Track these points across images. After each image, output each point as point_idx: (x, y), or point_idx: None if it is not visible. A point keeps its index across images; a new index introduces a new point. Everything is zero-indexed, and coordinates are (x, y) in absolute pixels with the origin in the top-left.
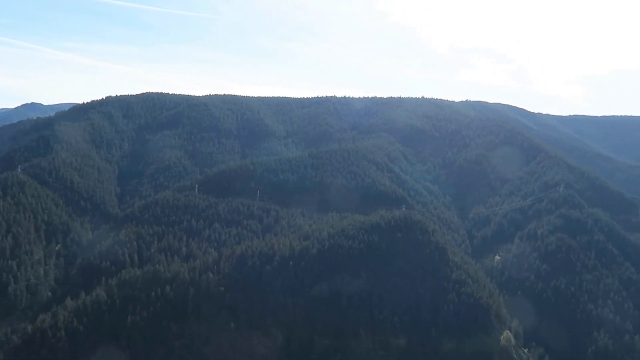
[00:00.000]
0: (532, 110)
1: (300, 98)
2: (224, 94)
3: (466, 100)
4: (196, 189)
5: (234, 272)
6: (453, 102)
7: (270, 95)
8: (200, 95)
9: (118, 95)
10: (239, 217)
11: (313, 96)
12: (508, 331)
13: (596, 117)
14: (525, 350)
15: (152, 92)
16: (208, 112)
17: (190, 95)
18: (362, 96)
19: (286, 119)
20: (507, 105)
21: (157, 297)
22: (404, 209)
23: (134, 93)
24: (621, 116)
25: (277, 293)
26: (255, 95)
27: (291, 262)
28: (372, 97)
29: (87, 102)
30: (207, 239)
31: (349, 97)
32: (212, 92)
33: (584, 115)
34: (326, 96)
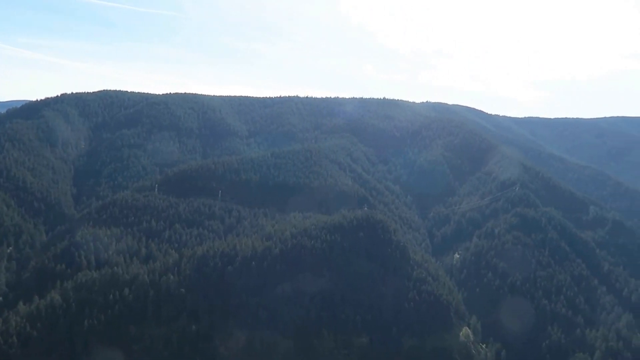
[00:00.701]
0: (489, 112)
1: (263, 98)
2: (185, 93)
3: (427, 101)
4: (156, 189)
5: (195, 274)
6: (414, 103)
7: (233, 94)
8: (161, 93)
9: (74, 92)
10: (200, 217)
11: (276, 96)
12: (467, 327)
13: (549, 119)
14: (484, 346)
15: (110, 90)
16: (168, 111)
17: (150, 94)
18: (324, 96)
19: (249, 119)
20: (466, 107)
21: (115, 300)
22: (366, 208)
23: (91, 90)
24: (573, 119)
25: (239, 294)
26: (218, 94)
27: (254, 263)
28: (334, 98)
29: (41, 100)
30: (168, 240)
31: (311, 97)
32: (173, 91)
33: (538, 118)
34: (289, 96)
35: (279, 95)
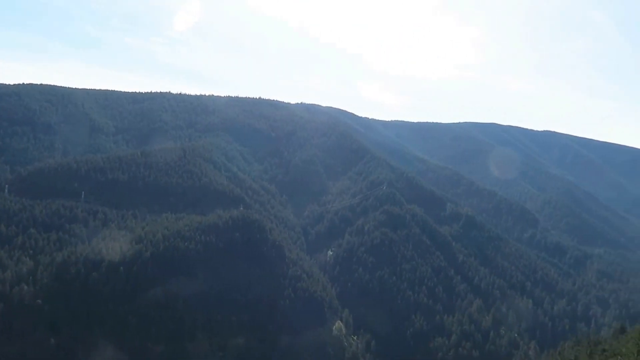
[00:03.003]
0: (360, 115)
1: (132, 92)
2: (42, 84)
3: (301, 102)
4: (6, 190)
5: (54, 282)
6: (289, 103)
7: (98, 88)
8: (12, 84)
9: None
10: (60, 220)
11: (146, 91)
12: (340, 321)
13: (413, 122)
14: (355, 338)
15: None
16: (22, 104)
17: (0, 84)
18: (199, 93)
19: (116, 114)
20: (338, 109)
21: None
22: (241, 208)
23: None
24: (432, 123)
25: (105, 301)
26: (80, 87)
27: (122, 268)
28: (209, 95)
29: None
30: (21, 247)
31: (185, 94)
32: (28, 81)
33: (403, 121)
34: (161, 92)
35: (149, 91)
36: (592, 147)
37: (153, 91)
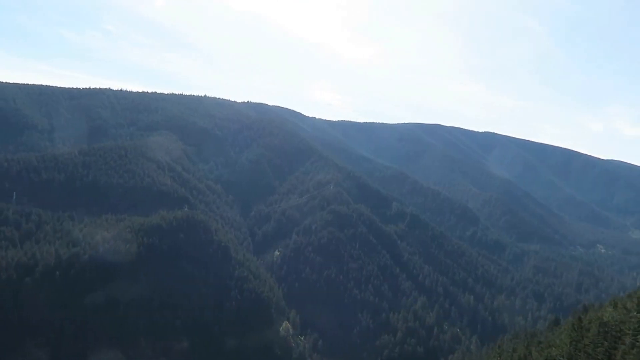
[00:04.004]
0: (307, 114)
1: (69, 88)
2: None
3: (248, 101)
4: None
5: None
6: (235, 102)
7: (31, 82)
8: None
9: None
10: None
11: (84, 87)
12: (287, 322)
13: (359, 123)
14: (302, 338)
15: None
16: None
17: None
18: (141, 90)
19: (51, 111)
20: (285, 108)
21: None
22: (186, 209)
23: None
24: (378, 123)
25: (40, 309)
26: (11, 81)
27: (58, 272)
28: (152, 93)
29: None
30: None
31: (126, 91)
32: None
33: (349, 121)
34: (100, 88)
35: (88, 87)
36: (529, 147)
37: (92, 87)
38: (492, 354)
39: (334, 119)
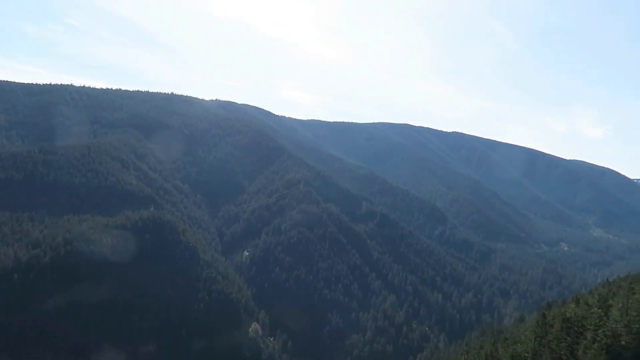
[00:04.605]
0: (276, 113)
1: (28, 84)
2: None
3: (216, 99)
4: None
5: None
6: (203, 100)
7: None
8: None
9: None
10: None
11: (45, 83)
12: (256, 323)
13: (329, 122)
14: (271, 339)
15: None
16: None
17: None
18: (105, 87)
19: (9, 107)
20: (255, 107)
21: None
22: (152, 209)
23: None
24: (348, 123)
25: None
26: None
27: (16, 275)
28: (116, 90)
29: None
30: None
31: (89, 88)
32: None
33: (319, 120)
34: (62, 84)
35: (48, 83)
36: (495, 147)
37: (53, 83)
38: (460, 352)
39: (304, 118)
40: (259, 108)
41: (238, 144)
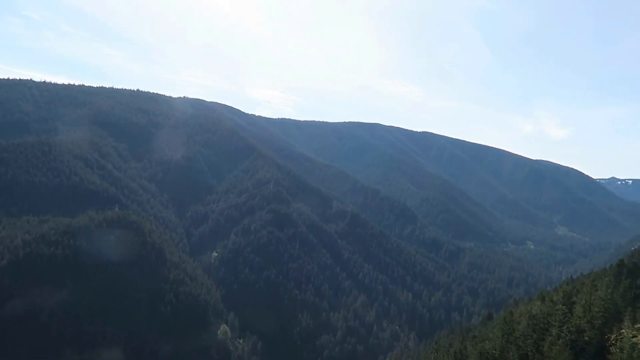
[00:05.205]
0: (246, 111)
1: None
2: None
3: (184, 97)
4: None
5: None
6: (171, 97)
7: None
8: None
9: None
10: None
11: (3, 77)
12: (225, 325)
13: (300, 121)
14: (241, 341)
15: None
16: None
17: None
18: (67, 83)
19: None
20: (224, 104)
21: None
22: (117, 209)
23: None
24: (319, 122)
25: None
26: None
27: None
28: (79, 85)
29: None
30: None
31: (50, 83)
32: None
33: (290, 119)
34: (20, 79)
35: (6, 78)
36: (464, 147)
37: (10, 78)
38: (429, 350)
39: (274, 117)
40: (228, 106)
41: (206, 142)
